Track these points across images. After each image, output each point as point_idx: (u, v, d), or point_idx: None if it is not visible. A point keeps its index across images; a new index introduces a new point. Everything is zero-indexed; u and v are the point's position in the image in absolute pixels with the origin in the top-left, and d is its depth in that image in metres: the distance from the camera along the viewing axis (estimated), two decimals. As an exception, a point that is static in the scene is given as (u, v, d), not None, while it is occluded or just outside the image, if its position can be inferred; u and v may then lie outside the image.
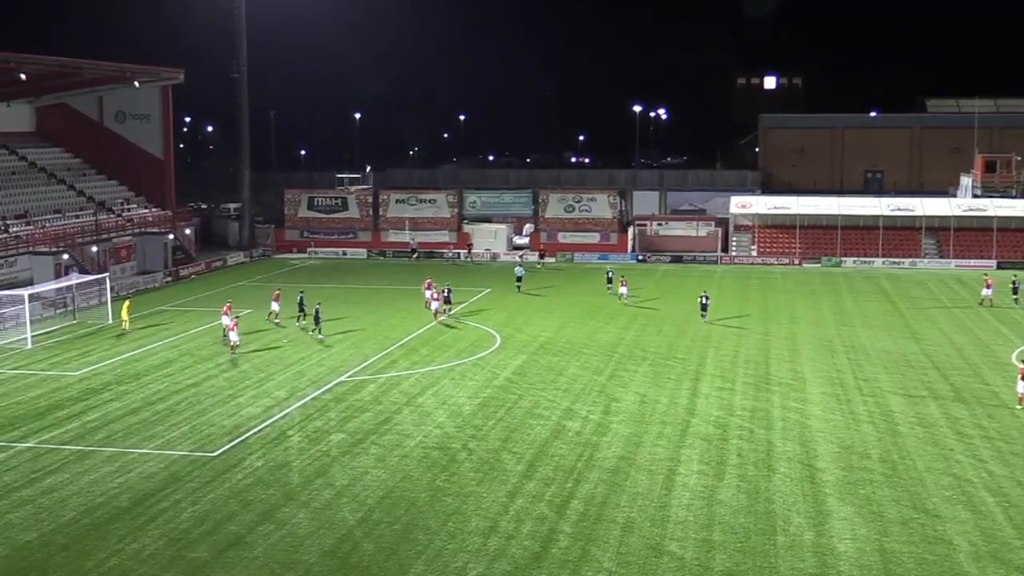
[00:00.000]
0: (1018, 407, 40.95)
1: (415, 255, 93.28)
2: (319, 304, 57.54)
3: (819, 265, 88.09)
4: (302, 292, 60.86)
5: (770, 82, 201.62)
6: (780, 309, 65.50)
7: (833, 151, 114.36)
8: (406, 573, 26.15)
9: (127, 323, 58.64)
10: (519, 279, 72.36)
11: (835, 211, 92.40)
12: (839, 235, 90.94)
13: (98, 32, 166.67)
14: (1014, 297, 66.29)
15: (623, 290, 67.50)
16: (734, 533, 28.39)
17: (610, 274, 72.25)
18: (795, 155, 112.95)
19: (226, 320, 54.27)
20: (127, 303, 61.01)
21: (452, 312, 62.59)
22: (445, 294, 62.45)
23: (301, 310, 58.66)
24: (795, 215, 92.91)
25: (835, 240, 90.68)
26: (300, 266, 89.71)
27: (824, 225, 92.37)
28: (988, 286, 65.73)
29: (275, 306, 60.52)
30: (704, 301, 61.45)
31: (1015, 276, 69.66)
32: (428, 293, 63.69)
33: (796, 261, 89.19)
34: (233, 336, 52.22)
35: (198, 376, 47.47)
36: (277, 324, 59.41)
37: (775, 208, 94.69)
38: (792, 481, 32.51)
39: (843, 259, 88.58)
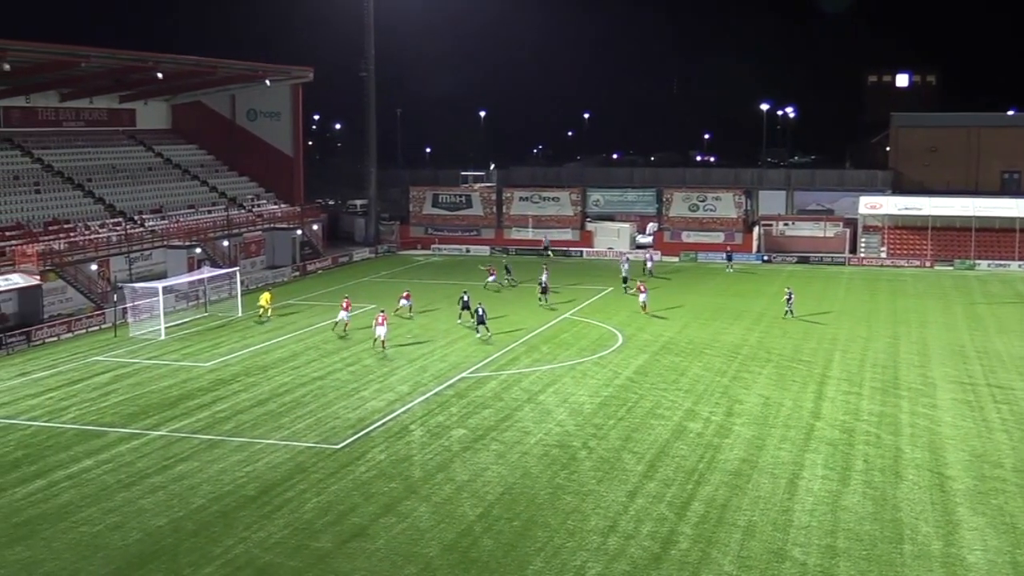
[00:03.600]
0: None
1: (548, 252, 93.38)
2: (481, 304, 57.20)
3: (951, 268, 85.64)
4: (466, 292, 61.09)
5: (902, 80, 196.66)
6: (910, 312, 63.90)
7: (968, 151, 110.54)
8: (525, 569, 26.24)
9: (268, 310, 60.93)
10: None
11: (969, 212, 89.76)
12: (973, 237, 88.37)
13: (230, 32, 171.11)
14: None
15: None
16: (859, 540, 27.79)
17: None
18: (928, 155, 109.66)
19: (343, 315, 56.17)
20: (268, 293, 63.40)
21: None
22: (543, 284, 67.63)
23: (465, 308, 58.98)
24: (927, 216, 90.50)
25: (969, 242, 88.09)
26: (424, 263, 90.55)
27: (958, 227, 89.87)
28: None
29: (404, 303, 61.52)
30: (789, 296, 61.63)
31: None
32: (491, 278, 72.61)
33: (927, 263, 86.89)
34: (380, 331, 51.95)
35: (323, 369, 48.34)
36: (410, 319, 60.34)
37: (906, 209, 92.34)
38: (920, 489, 31.69)
39: (977, 262, 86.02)
